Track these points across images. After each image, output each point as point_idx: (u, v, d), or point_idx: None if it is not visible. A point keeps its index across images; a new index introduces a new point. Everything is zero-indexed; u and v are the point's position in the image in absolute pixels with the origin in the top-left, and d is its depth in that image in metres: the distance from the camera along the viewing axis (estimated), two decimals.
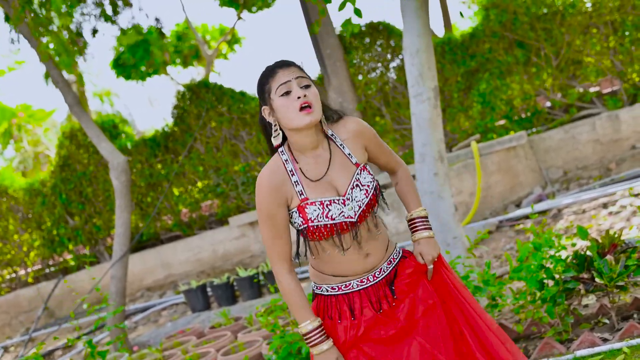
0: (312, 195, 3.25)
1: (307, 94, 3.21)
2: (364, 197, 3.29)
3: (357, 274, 3.34)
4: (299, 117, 3.20)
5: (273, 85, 3.25)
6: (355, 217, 3.26)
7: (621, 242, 5.64)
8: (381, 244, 3.39)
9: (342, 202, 3.26)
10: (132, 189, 12.99)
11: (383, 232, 3.42)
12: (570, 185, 11.26)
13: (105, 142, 9.78)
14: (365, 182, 3.31)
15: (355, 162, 3.34)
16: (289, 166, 3.29)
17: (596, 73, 12.12)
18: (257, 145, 13.22)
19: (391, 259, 3.43)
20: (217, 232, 13.20)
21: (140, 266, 13.45)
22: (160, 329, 10.43)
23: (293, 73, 3.25)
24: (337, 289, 3.35)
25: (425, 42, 7.46)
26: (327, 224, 3.22)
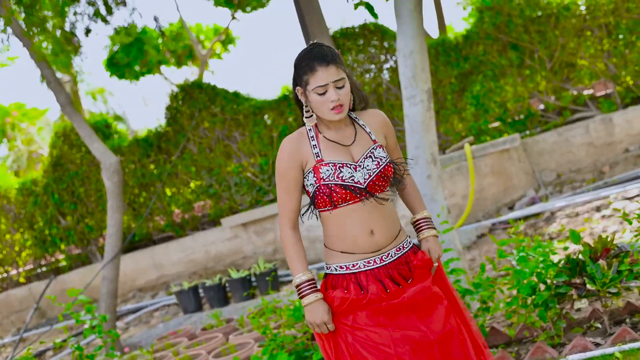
0: (327, 157, 3.52)
1: (341, 96, 3.49)
2: (374, 167, 3.52)
3: (364, 252, 3.54)
4: (330, 115, 3.51)
5: (311, 81, 3.49)
6: (364, 184, 3.49)
7: (614, 246, 5.61)
8: (389, 226, 3.58)
9: (354, 167, 3.51)
10: (124, 189, 12.96)
11: (392, 215, 3.62)
12: (563, 188, 11.26)
13: (97, 142, 9.74)
14: (379, 155, 3.56)
15: (373, 139, 3.62)
16: (311, 133, 3.58)
17: (590, 76, 12.13)
18: (250, 146, 13.18)
19: (401, 247, 3.61)
20: (210, 233, 13.15)
21: (132, 267, 13.39)
22: (152, 330, 10.37)
23: (331, 75, 3.47)
24: (345, 268, 3.54)
25: (419, 43, 7.42)
26: (337, 184, 3.45)
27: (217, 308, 10.33)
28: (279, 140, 12.95)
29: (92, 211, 14.08)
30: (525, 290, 5.46)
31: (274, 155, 12.91)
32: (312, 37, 11.28)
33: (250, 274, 10.55)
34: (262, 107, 13.15)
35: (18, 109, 25.33)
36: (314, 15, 10.73)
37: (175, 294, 10.86)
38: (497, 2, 12.09)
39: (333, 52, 3.52)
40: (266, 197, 13.05)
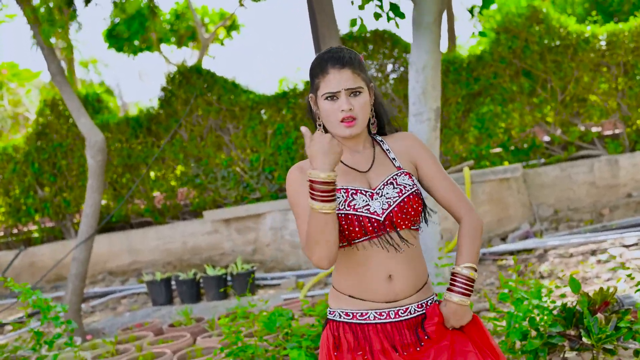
0: (340, 182, 2.99)
1: (354, 106, 3.00)
2: (396, 195, 2.99)
3: (378, 301, 3.00)
4: (340, 128, 3.02)
5: (321, 85, 3.03)
6: (382, 215, 2.96)
7: (614, 300, 5.40)
8: (413, 274, 3.04)
9: (370, 195, 2.99)
10: (107, 167, 12.65)
11: (418, 262, 3.08)
12: (559, 226, 11.00)
13: (84, 117, 9.39)
14: (402, 182, 3.03)
15: (397, 166, 3.09)
16: None
17: (600, 113, 11.85)
18: (243, 141, 12.83)
19: (424, 304, 3.08)
20: (190, 224, 12.83)
21: (106, 248, 13.04)
22: (118, 318, 10.09)
23: (345, 81, 2.99)
24: (352, 317, 3.03)
25: (433, 59, 7.23)
26: (349, 213, 2.93)
27: (188, 304, 10.11)
28: (273, 137, 12.61)
29: (71, 185, 13.69)
30: (515, 334, 5.15)
31: (266, 152, 12.59)
32: (322, 37, 11.02)
33: (227, 273, 10.39)
34: (259, 102, 12.82)
35: (10, 68, 24.82)
36: (325, 15, 10.54)
37: (147, 283, 10.65)
38: (515, 26, 11.77)
39: (352, 56, 3.05)
40: (252, 194, 12.71)
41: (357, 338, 3.00)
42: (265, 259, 11.88)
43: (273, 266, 11.75)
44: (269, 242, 11.83)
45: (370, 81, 3.10)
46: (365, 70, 3.08)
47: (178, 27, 22.07)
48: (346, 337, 3.01)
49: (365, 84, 3.05)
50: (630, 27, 11.45)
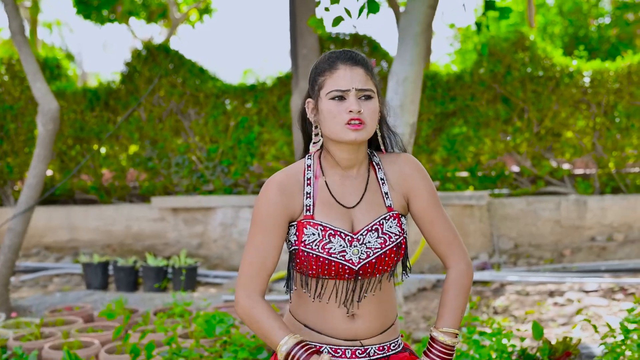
0: (319, 215, 2.66)
1: (364, 110, 2.61)
2: (378, 246, 2.64)
3: (335, 337, 2.69)
4: (344, 130, 2.61)
5: (328, 82, 2.63)
6: (357, 265, 2.63)
7: (576, 351, 5.22)
8: (378, 314, 2.72)
9: (350, 240, 2.64)
10: (57, 137, 12.18)
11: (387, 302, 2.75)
12: (518, 261, 10.81)
13: (40, 82, 8.90)
14: (388, 231, 2.66)
15: (388, 205, 2.72)
16: (309, 173, 2.72)
17: (574, 151, 11.66)
18: (203, 128, 12.43)
19: (386, 347, 2.75)
20: (136, 208, 12.41)
21: (44, 222, 12.55)
22: (47, 297, 9.64)
23: (356, 80, 2.61)
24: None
25: (416, 71, 6.96)
26: (321, 256, 2.61)
27: (124, 292, 9.77)
28: (235, 130, 12.23)
29: (17, 151, 13.16)
30: None
31: (225, 144, 12.21)
32: (300, 34, 10.75)
33: (168, 265, 10.04)
34: (226, 91, 12.45)
35: None
36: (307, 10, 10.32)
37: (83, 264, 10.28)
38: (500, 50, 11.52)
39: (364, 57, 2.67)
40: (205, 186, 12.32)
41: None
42: (211, 255, 11.52)
43: (217, 264, 11.42)
44: (217, 238, 11.45)
45: (380, 90, 2.73)
46: (375, 76, 2.70)
47: (150, 3, 21.69)
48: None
49: (377, 90, 2.68)
50: (617, 67, 11.28)
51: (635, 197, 11.04)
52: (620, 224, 11.00)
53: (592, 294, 8.83)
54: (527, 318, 7.87)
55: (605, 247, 10.83)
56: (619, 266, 9.85)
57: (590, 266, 9.98)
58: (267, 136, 12.25)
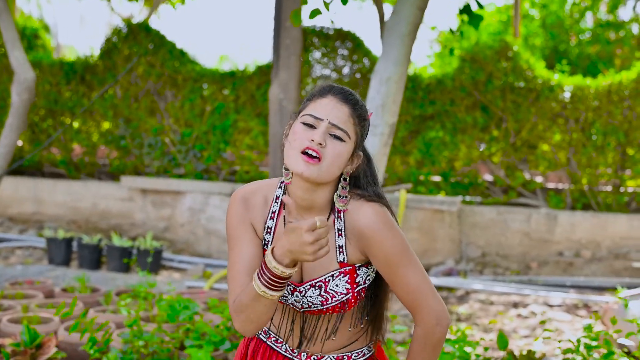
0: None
1: (327, 147, 2.42)
2: (318, 303, 2.52)
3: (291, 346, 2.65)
4: (296, 159, 2.42)
5: (309, 106, 2.48)
6: (300, 309, 2.57)
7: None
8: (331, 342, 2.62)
9: (292, 290, 2.54)
10: (30, 108, 12.00)
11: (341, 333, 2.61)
12: (484, 269, 10.79)
13: (18, 50, 8.73)
14: (332, 289, 2.50)
15: (340, 260, 2.51)
16: (275, 206, 2.57)
17: (548, 164, 11.63)
18: (179, 111, 12.32)
19: (345, 357, 2.63)
20: (104, 186, 12.29)
21: (10, 192, 12.42)
22: (8, 269, 9.54)
23: (334, 115, 2.44)
24: (268, 337, 2.69)
25: (400, 72, 6.87)
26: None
27: (87, 270, 9.69)
28: (210, 115, 12.13)
29: None
30: None
31: (200, 129, 12.10)
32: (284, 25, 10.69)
33: (134, 246, 9.96)
34: (204, 75, 12.33)
35: None
36: (294, 3, 10.20)
37: (47, 239, 10.19)
38: (483, 57, 11.48)
39: (360, 101, 2.51)
40: (177, 169, 12.21)
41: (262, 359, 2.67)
42: (177, 239, 11.41)
43: (183, 248, 11.31)
44: (184, 223, 11.35)
45: (360, 144, 2.54)
46: (363, 128, 2.53)
47: None
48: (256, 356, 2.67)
49: (354, 139, 2.49)
50: (598, 84, 11.26)
51: (606, 216, 11.05)
52: (589, 241, 11.01)
53: (556, 308, 8.83)
54: (491, 327, 7.85)
55: (572, 263, 10.84)
56: (585, 283, 9.86)
57: (556, 280, 9.98)
58: (242, 124, 12.16)
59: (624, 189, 11.55)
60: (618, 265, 10.66)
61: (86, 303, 7.17)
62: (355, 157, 2.52)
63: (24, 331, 5.31)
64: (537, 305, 8.87)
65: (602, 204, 11.47)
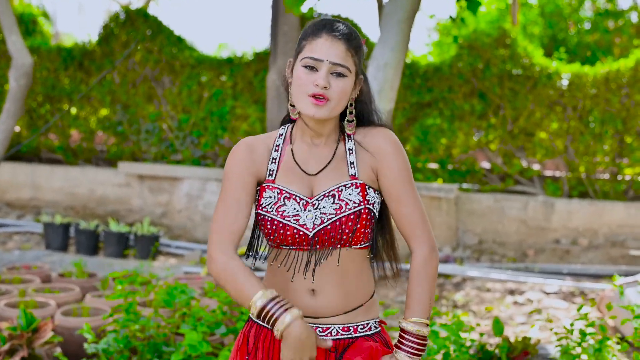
0: (280, 180, 2.61)
1: (332, 87, 2.51)
2: (332, 212, 2.53)
3: None
4: (306, 104, 2.53)
5: (306, 48, 2.54)
6: (311, 230, 2.53)
7: (535, 351, 5.20)
8: (343, 293, 2.61)
9: (305, 204, 2.56)
10: (28, 94, 12.01)
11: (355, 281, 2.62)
12: (481, 257, 10.79)
13: (16, 36, 8.77)
14: (346, 198, 2.55)
15: (352, 174, 2.60)
16: (279, 140, 2.67)
17: (545, 152, 11.64)
18: (176, 98, 12.34)
19: (352, 327, 2.63)
20: (102, 172, 12.30)
21: (8, 178, 12.44)
22: (5, 254, 9.57)
23: (333, 54, 2.51)
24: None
25: (397, 58, 6.91)
26: (275, 219, 2.55)
27: (84, 255, 9.74)
28: (208, 102, 12.14)
29: None
30: None
31: (197, 115, 12.12)
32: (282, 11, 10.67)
33: (131, 232, 9.99)
34: (202, 62, 12.34)
35: None
36: None
37: (44, 224, 10.20)
38: (480, 45, 11.48)
39: (353, 33, 2.57)
40: (174, 155, 12.23)
41: (263, 344, 2.63)
42: (174, 225, 11.42)
43: (180, 234, 11.33)
44: (181, 209, 11.36)
45: (361, 72, 2.63)
46: (360, 57, 2.60)
47: None
48: (257, 341, 2.63)
49: (355, 70, 2.58)
50: (595, 72, 11.26)
51: (603, 204, 11.06)
52: (586, 229, 11.02)
53: (552, 295, 8.81)
54: (487, 314, 7.86)
55: (569, 251, 10.85)
56: (581, 270, 9.87)
57: (553, 268, 9.99)
58: (240, 111, 12.16)
59: (621, 176, 11.55)
60: (615, 253, 10.67)
61: (83, 288, 7.17)
62: (357, 83, 2.63)
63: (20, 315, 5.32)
64: (534, 293, 8.86)
65: (599, 192, 11.49)
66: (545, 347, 5.94)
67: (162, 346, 4.94)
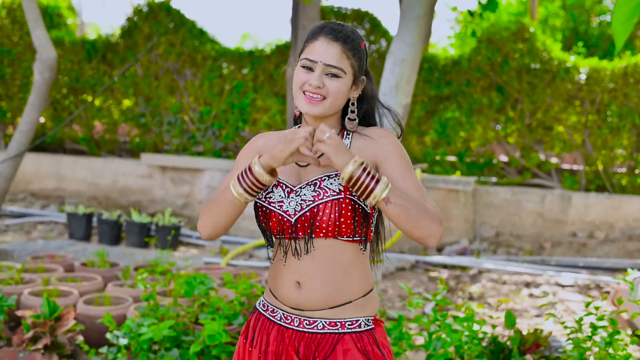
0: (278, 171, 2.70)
1: (326, 86, 2.64)
2: (310, 199, 2.63)
3: (284, 303, 2.72)
4: (300, 100, 2.67)
5: (306, 49, 2.68)
6: (293, 216, 2.63)
7: (546, 343, 5.22)
8: (325, 288, 2.66)
9: (289, 191, 2.68)
10: (52, 86, 12.14)
11: (343, 275, 2.67)
12: (498, 249, 10.82)
13: (40, 29, 8.86)
14: (326, 186, 2.63)
15: None
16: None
17: (563, 145, 11.65)
18: (198, 90, 12.43)
19: (339, 323, 2.68)
20: (125, 163, 12.41)
21: (33, 168, 12.55)
22: (30, 244, 9.67)
23: (328, 56, 2.63)
24: (266, 309, 2.80)
25: (414, 53, 6.93)
26: (263, 205, 2.68)
27: (107, 245, 9.82)
28: (229, 94, 12.24)
29: (11, 95, 13.15)
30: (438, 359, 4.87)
31: (219, 107, 12.21)
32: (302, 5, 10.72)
33: (152, 222, 10.07)
34: (223, 54, 12.43)
35: None
36: None
37: (68, 214, 10.30)
38: (499, 39, 11.50)
39: (351, 35, 2.67)
40: (195, 147, 12.32)
41: (259, 333, 2.78)
42: (195, 215, 11.53)
43: None
44: (202, 200, 11.47)
45: (360, 72, 2.71)
46: (360, 58, 2.69)
47: None
48: (255, 329, 2.79)
49: (352, 71, 2.67)
50: (614, 66, 11.26)
51: (620, 197, 11.07)
52: (602, 222, 11.03)
53: (568, 288, 8.85)
54: (501, 306, 7.89)
55: (585, 244, 10.86)
56: (597, 264, 9.89)
57: (569, 261, 10.02)
58: (260, 103, 12.26)
59: (638, 170, 11.54)
60: (631, 247, 10.67)
61: (105, 277, 7.27)
62: (359, 83, 2.73)
63: (43, 304, 5.45)
64: (549, 286, 8.90)
65: (616, 186, 11.49)
66: (558, 340, 5.92)
67: (181, 335, 5.00)
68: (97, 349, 5.51)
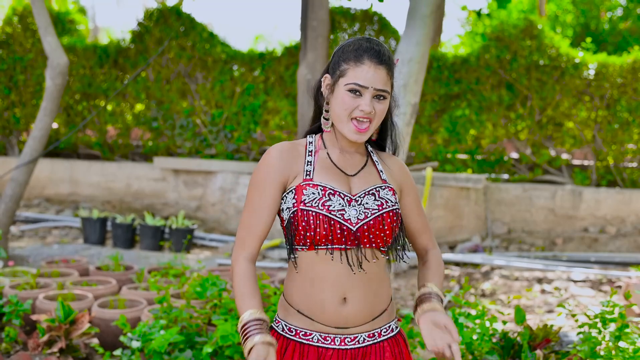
0: (319, 178, 2.65)
1: (375, 110, 2.63)
2: (375, 208, 2.63)
3: (326, 323, 2.64)
4: (349, 128, 2.64)
5: (349, 74, 2.62)
6: (355, 225, 2.59)
7: (556, 339, 5.19)
8: (370, 299, 2.66)
9: (349, 200, 2.63)
10: (65, 91, 12.22)
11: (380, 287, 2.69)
12: (510, 246, 10.83)
13: (52, 36, 8.93)
14: (384, 196, 2.67)
15: (384, 179, 2.75)
16: (311, 146, 2.74)
17: (574, 141, 11.66)
18: (209, 93, 12.48)
19: (376, 333, 2.71)
20: (138, 167, 12.45)
21: (47, 173, 12.62)
22: (45, 248, 9.75)
23: (377, 81, 2.61)
24: (295, 334, 2.68)
25: (421, 52, 6.94)
26: (321, 213, 2.57)
27: (121, 249, 9.89)
28: (240, 96, 12.28)
29: (24, 102, 13.21)
30: None
31: (230, 110, 12.25)
32: (311, 6, 10.72)
33: (166, 225, 10.14)
34: (234, 57, 12.47)
35: None
36: None
37: (82, 219, 10.36)
38: (507, 36, 11.50)
39: (390, 56, 2.66)
40: (208, 150, 12.36)
41: (292, 357, 2.68)
42: (208, 218, 11.57)
43: (214, 227, 11.47)
44: (215, 202, 11.52)
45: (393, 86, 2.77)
46: (394, 75, 2.73)
47: None
48: (283, 354, 2.68)
49: (391, 89, 2.69)
50: (622, 62, 11.25)
51: (631, 192, 11.08)
52: (614, 217, 11.03)
53: (579, 283, 8.86)
54: (513, 302, 7.90)
55: (597, 239, 10.85)
56: (609, 258, 9.89)
57: (580, 256, 10.02)
58: (271, 105, 12.31)
59: None
60: None
61: (119, 281, 7.33)
62: (391, 101, 2.77)
63: (58, 308, 5.51)
64: (561, 281, 8.90)
65: (627, 181, 11.48)
66: (568, 335, 5.93)
67: (194, 336, 5.04)
68: (111, 352, 5.57)
